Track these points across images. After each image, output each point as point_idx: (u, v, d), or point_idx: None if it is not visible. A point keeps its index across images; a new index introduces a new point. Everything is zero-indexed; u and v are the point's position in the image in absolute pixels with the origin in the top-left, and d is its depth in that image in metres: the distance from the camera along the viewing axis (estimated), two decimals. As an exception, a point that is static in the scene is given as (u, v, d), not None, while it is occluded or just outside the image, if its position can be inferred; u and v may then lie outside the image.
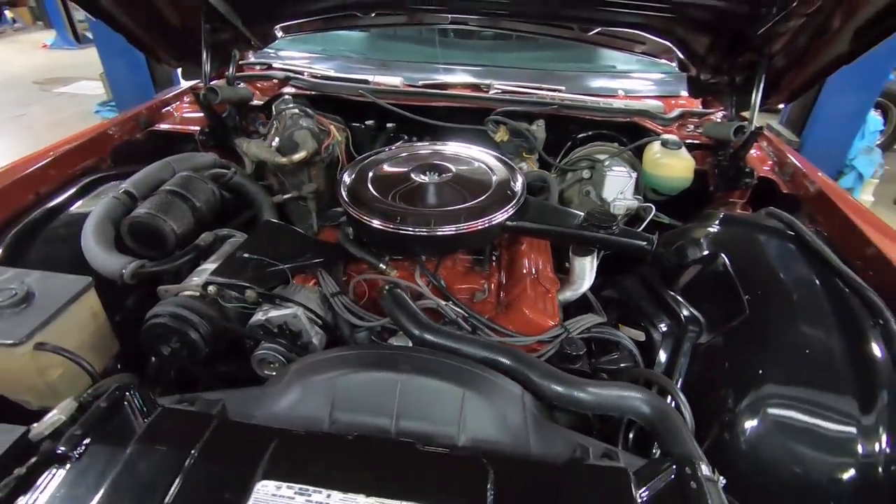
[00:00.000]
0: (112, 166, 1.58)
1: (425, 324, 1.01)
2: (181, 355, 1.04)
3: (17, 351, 0.90)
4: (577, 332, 1.16)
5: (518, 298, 1.22)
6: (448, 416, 0.79)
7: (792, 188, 1.57)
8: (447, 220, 1.16)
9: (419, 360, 0.85)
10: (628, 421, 1.07)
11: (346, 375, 0.83)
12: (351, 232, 1.32)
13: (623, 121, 1.76)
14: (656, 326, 1.28)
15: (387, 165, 1.38)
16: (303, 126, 1.65)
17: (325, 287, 1.16)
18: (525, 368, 0.91)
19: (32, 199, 1.30)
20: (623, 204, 1.55)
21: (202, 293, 1.08)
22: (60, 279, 1.03)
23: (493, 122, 1.75)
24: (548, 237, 1.32)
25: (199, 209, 1.34)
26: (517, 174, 1.34)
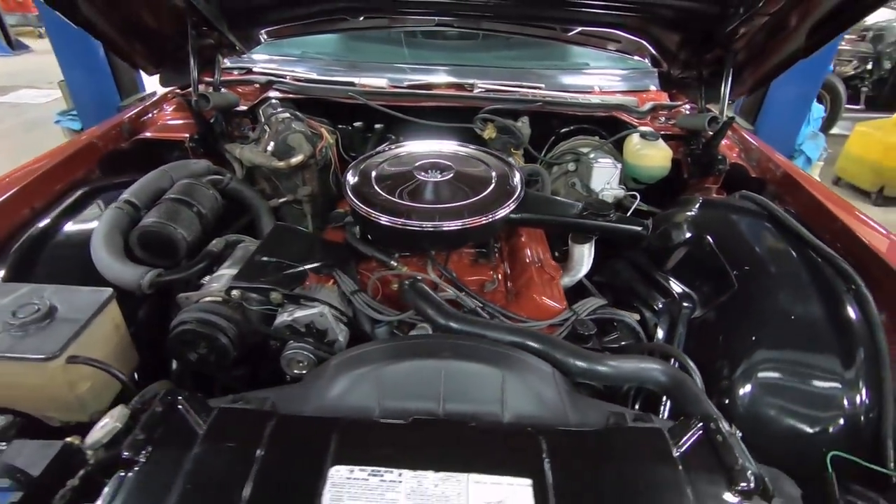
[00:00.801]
0: (101, 177, 1.54)
1: (451, 313, 1.06)
2: (209, 360, 1.05)
3: (50, 365, 0.89)
4: (584, 314, 1.24)
5: (526, 286, 1.29)
6: (490, 396, 0.84)
7: (759, 172, 1.71)
8: (455, 216, 1.22)
9: (458, 346, 0.90)
10: (635, 391, 1.17)
11: (390, 365, 0.87)
12: (358, 231, 1.36)
13: (603, 115, 1.86)
14: (650, 305, 1.39)
15: (388, 165, 1.42)
16: (296, 130, 1.66)
17: (343, 286, 1.19)
18: (550, 348, 0.98)
19: (28, 213, 1.26)
20: (611, 193, 1.65)
21: (225, 298, 1.10)
22: (80, 292, 1.02)
23: (480, 120, 1.82)
24: (549, 227, 1.40)
25: (204, 215, 1.34)
26: (514, 169, 1.41)
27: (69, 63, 3.00)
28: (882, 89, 5.74)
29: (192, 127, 1.75)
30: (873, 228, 1.34)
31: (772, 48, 1.55)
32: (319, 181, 1.77)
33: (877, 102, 5.72)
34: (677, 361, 1.09)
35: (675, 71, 1.80)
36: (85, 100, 3.07)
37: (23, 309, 0.94)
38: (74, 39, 2.84)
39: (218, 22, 1.58)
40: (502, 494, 0.68)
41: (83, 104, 3.10)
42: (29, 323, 0.92)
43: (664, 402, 1.15)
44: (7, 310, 0.94)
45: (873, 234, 1.31)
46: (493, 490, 0.68)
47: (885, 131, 4.20)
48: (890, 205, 4.27)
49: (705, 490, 0.70)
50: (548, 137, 1.93)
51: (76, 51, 2.88)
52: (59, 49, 2.94)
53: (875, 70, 5.65)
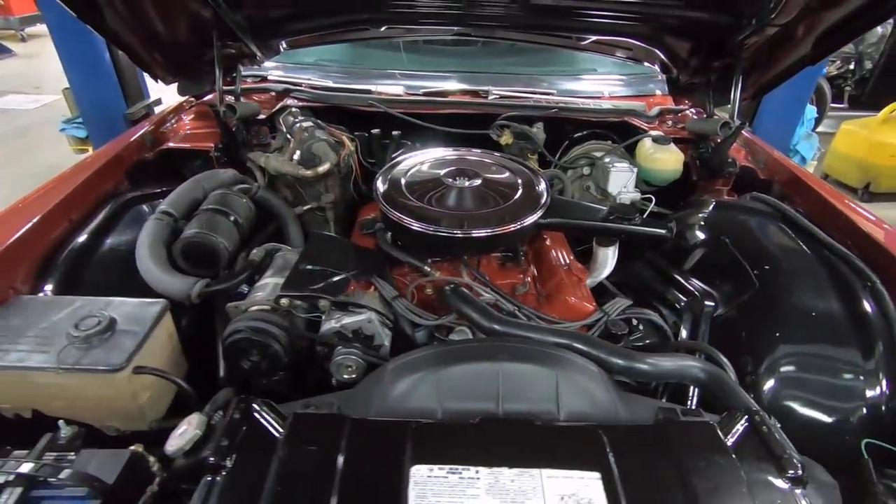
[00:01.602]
0: (129, 187, 1.56)
1: (496, 316, 1.11)
2: (261, 367, 1.08)
3: (117, 377, 0.92)
4: (614, 314, 1.29)
5: (557, 288, 1.34)
6: (546, 395, 0.89)
7: (766, 174, 1.78)
8: (487, 222, 1.26)
9: (514, 349, 0.95)
10: (663, 386, 1.22)
11: (449, 368, 0.91)
12: (389, 237, 1.39)
13: (615, 120, 1.92)
14: (671, 304, 1.45)
15: (416, 172, 1.46)
16: (320, 138, 1.69)
17: (384, 291, 1.23)
18: (593, 348, 1.03)
19: (67, 226, 1.28)
20: (627, 196, 1.70)
21: (273, 306, 1.13)
22: (134, 304, 1.04)
23: (497, 127, 1.86)
24: (577, 231, 1.45)
25: (241, 224, 1.37)
26: (539, 176, 1.46)
27: (74, 70, 2.96)
28: (864, 88, 5.94)
29: (214, 136, 1.77)
30: (878, 224, 1.42)
31: (779, 56, 1.63)
32: (341, 188, 1.80)
33: (859, 101, 5.92)
34: (704, 357, 1.14)
35: (685, 77, 1.87)
36: (90, 107, 3.04)
37: (84, 322, 0.97)
38: (80, 46, 2.82)
39: (243, 33, 1.60)
40: (574, 487, 0.72)
41: (88, 111, 3.07)
42: (92, 336, 0.95)
43: (691, 396, 1.21)
44: (68, 323, 0.97)
45: (878, 229, 1.38)
46: (565, 484, 0.72)
47: (870, 130, 4.35)
48: (876, 200, 4.43)
49: (759, 478, 0.75)
50: (561, 142, 1.98)
51: (82, 58, 2.85)
52: (64, 55, 2.90)
53: (857, 70, 5.84)
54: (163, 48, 1.66)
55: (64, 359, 0.90)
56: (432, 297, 1.32)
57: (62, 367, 0.89)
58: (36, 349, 0.93)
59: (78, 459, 0.85)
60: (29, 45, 8.91)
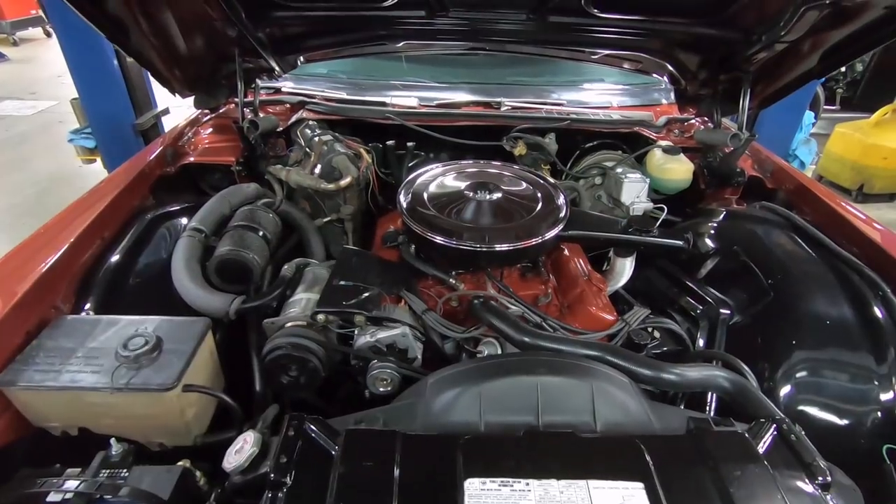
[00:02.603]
0: (154, 203, 1.58)
1: (526, 329, 1.15)
2: (300, 382, 1.12)
3: (168, 395, 0.94)
4: (635, 323, 1.33)
5: (579, 299, 1.38)
6: (583, 407, 0.93)
7: (774, 183, 1.84)
8: (510, 236, 1.30)
9: (550, 362, 0.99)
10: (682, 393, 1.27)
11: (489, 382, 0.95)
12: (412, 250, 1.43)
13: (626, 131, 1.97)
14: (687, 312, 1.49)
15: (438, 185, 1.49)
16: (340, 152, 1.72)
17: (414, 305, 1.26)
18: (623, 360, 1.07)
19: (100, 244, 1.30)
20: (640, 206, 1.75)
21: (309, 322, 1.16)
22: (178, 322, 1.07)
23: (512, 138, 1.90)
24: (596, 244, 1.49)
25: (270, 240, 1.40)
26: (557, 189, 1.50)
27: (84, 80, 2.96)
28: (855, 90, 6.05)
29: (233, 150, 1.79)
30: (869, 223, 1.47)
31: (786, 69, 1.68)
32: (359, 199, 1.84)
33: (851, 103, 6.04)
34: (721, 364, 1.19)
35: (693, 88, 1.92)
36: (99, 117, 3.04)
37: (132, 342, 0.99)
38: (89, 56, 2.81)
39: (264, 49, 1.63)
40: (620, 497, 0.76)
41: (97, 122, 3.06)
42: (141, 355, 0.98)
43: (709, 403, 1.25)
44: (116, 342, 0.99)
45: (874, 232, 1.44)
46: (612, 494, 0.76)
47: (863, 132, 4.44)
48: (869, 201, 4.53)
49: (791, 485, 0.80)
50: (572, 152, 2.02)
51: (91, 68, 2.85)
52: (73, 65, 2.89)
53: (848, 72, 5.95)
54: (183, 64, 1.69)
55: (117, 379, 0.93)
56: (458, 308, 1.36)
57: (116, 387, 0.92)
58: (86, 369, 0.96)
59: (131, 476, 0.88)
60: (21, 50, 8.84)
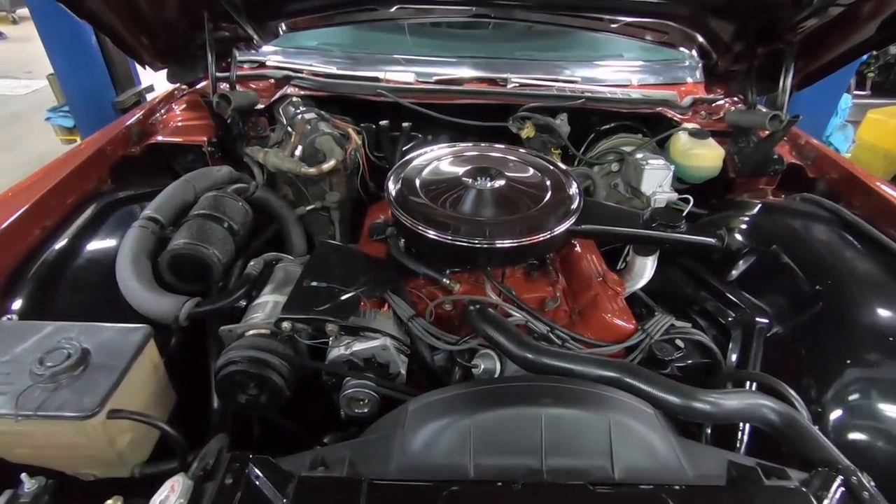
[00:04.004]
0: (113, 187, 1.41)
1: (529, 344, 0.96)
2: (260, 402, 0.94)
3: (89, 424, 0.77)
4: (657, 334, 1.14)
5: (592, 304, 1.19)
6: (597, 447, 0.75)
7: (815, 171, 1.62)
8: (512, 230, 1.11)
9: (557, 390, 0.80)
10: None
11: (480, 413, 0.77)
12: (402, 244, 1.25)
13: (648, 111, 1.75)
14: (715, 319, 1.30)
15: (432, 171, 1.30)
16: (324, 132, 1.53)
17: (399, 311, 1.08)
18: (644, 383, 0.89)
19: (40, 234, 1.13)
20: (663, 197, 1.55)
21: (273, 330, 0.98)
22: (112, 331, 0.90)
23: (519, 119, 1.70)
24: (614, 239, 1.30)
25: (236, 231, 1.22)
26: (569, 176, 1.30)
27: (59, 54, 2.76)
28: (889, 74, 5.70)
29: (207, 129, 1.61)
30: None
31: (836, 40, 1.45)
32: (347, 185, 1.65)
33: (883, 87, 5.69)
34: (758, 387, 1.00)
35: (725, 63, 1.70)
36: (77, 94, 2.85)
37: (51, 355, 0.82)
38: (64, 28, 2.61)
39: (237, 13, 1.43)
40: (647, 580, 0.58)
41: (75, 99, 2.88)
42: (60, 372, 0.81)
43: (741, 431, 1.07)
44: (33, 356, 0.82)
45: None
46: (635, 575, 0.59)
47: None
48: (902, 193, 4.24)
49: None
50: (586, 135, 1.82)
51: (66, 41, 2.64)
52: (47, 39, 2.70)
53: (881, 55, 5.60)
54: (150, 31, 1.50)
55: (24, 404, 0.76)
56: (452, 313, 1.18)
57: (21, 415, 0.75)
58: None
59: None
60: (20, 28, 8.65)
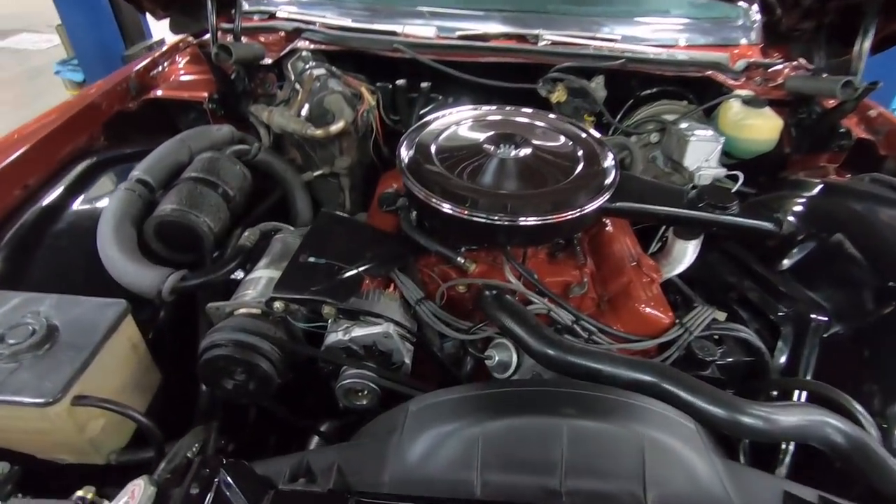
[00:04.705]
0: (106, 144, 1.31)
1: (552, 339, 0.84)
2: (248, 389, 0.85)
3: (51, 411, 0.69)
4: (698, 329, 1.01)
5: (624, 292, 1.06)
6: (628, 469, 0.64)
7: (887, 148, 1.43)
8: (538, 205, 0.97)
9: (582, 398, 0.69)
10: None
11: (492, 422, 0.66)
12: (414, 217, 1.12)
13: (696, 75, 1.56)
14: (762, 313, 1.15)
15: (450, 136, 1.16)
16: (334, 90, 1.40)
17: (407, 292, 0.97)
18: (685, 392, 0.76)
19: (21, 194, 1.04)
20: (709, 173, 1.38)
21: (265, 310, 0.88)
22: (87, 305, 0.81)
23: (549, 81, 1.53)
24: (653, 220, 1.15)
25: (232, 198, 1.11)
26: (605, 147, 1.14)
27: (67, 4, 2.66)
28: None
29: (210, 84, 1.49)
30: None
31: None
32: (358, 150, 1.52)
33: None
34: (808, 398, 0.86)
35: (790, 21, 1.49)
36: (86, 47, 2.74)
37: (15, 331, 0.74)
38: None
39: (240, -47, 1.29)
40: None
41: (84, 52, 2.78)
42: (23, 351, 0.72)
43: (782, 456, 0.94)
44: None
45: None
46: None
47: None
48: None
49: None
50: (623, 101, 1.64)
51: (73, -11, 2.55)
52: (54, -13, 2.61)
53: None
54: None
55: (-22, 386, 0.67)
56: (465, 295, 1.06)
57: (-27, 398, 0.67)
58: (-50, 366, 0.71)
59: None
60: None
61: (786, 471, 0.96)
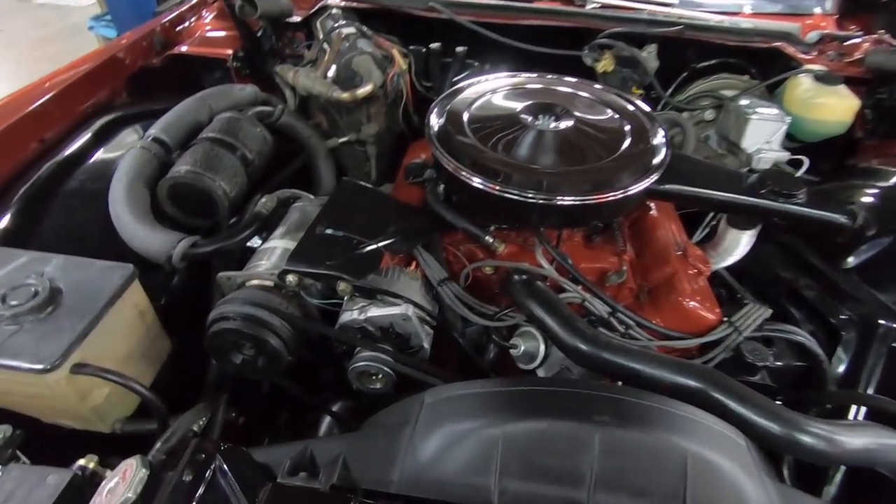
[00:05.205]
0: (128, 100, 1.27)
1: (585, 332, 0.76)
2: (257, 365, 0.81)
3: (50, 378, 0.66)
4: (748, 329, 0.91)
5: (668, 285, 0.96)
6: (667, 486, 0.56)
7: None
8: (578, 183, 0.88)
9: (619, 403, 0.61)
10: None
11: (514, 423, 0.59)
12: (441, 191, 1.04)
13: (762, 46, 1.41)
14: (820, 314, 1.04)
15: (485, 104, 1.07)
16: (364, 51, 1.31)
17: (429, 271, 0.90)
18: (736, 402, 0.68)
19: (37, 147, 1.01)
20: (769, 156, 1.24)
21: (277, 283, 0.83)
22: (92, 268, 0.77)
23: (596, 47, 1.40)
24: (706, 206, 1.04)
25: (250, 161, 1.05)
26: (655, 122, 1.03)
27: (100, -43, 2.63)
28: None
29: (236, 41, 1.43)
30: None
31: None
32: (387, 117, 1.44)
33: None
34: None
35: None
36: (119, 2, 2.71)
37: (17, 292, 0.70)
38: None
39: None
40: None
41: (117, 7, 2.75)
42: (24, 313, 0.69)
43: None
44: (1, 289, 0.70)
45: None
46: None
47: None
48: None
49: None
50: (677, 73, 1.49)
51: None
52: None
53: None
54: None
55: (-27, 348, 0.64)
56: (492, 277, 0.99)
57: (-30, 360, 0.64)
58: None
59: (1, 478, 0.61)
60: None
61: (835, 490, 0.87)
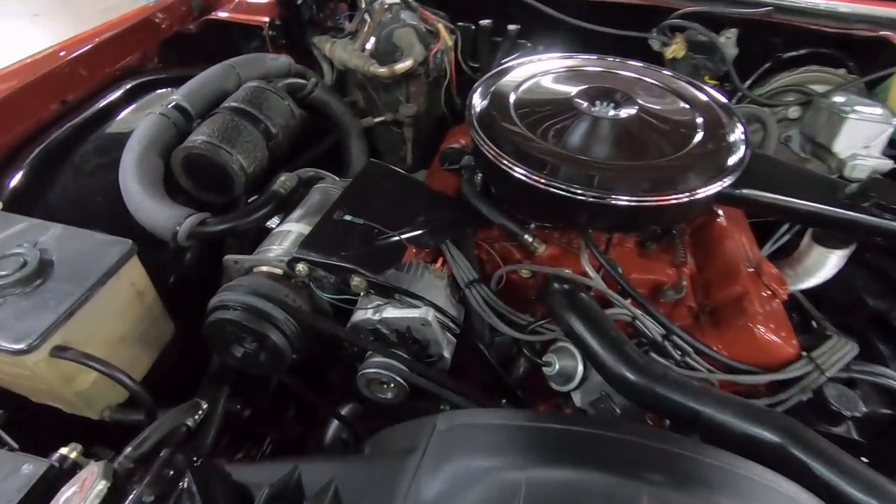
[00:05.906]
0: (159, 65, 1.22)
1: (636, 360, 0.64)
2: (258, 361, 0.73)
3: (28, 360, 0.59)
4: (833, 368, 0.76)
5: (736, 306, 0.82)
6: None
7: None
8: (642, 182, 0.74)
9: (675, 458, 0.49)
10: None
11: (542, 469, 0.49)
12: (479, 181, 0.93)
13: (866, 35, 1.21)
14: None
15: (535, 86, 0.94)
16: (406, 23, 1.21)
17: (457, 270, 0.80)
18: (822, 464, 0.54)
19: (57, 108, 0.97)
20: (867, 164, 1.06)
21: (286, 272, 0.74)
22: (88, 240, 0.71)
23: (666, 30, 1.24)
24: (791, 217, 0.89)
25: (273, 136, 0.97)
26: (733, 116, 0.88)
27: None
28: None
29: (274, 9, 1.35)
30: None
31: None
32: (427, 97, 1.34)
33: None
34: None
35: None
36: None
37: (4, 262, 0.64)
38: None
39: None
40: None
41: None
42: (9, 285, 0.63)
43: None
44: (-11, 258, 0.65)
45: None
46: None
47: None
48: None
49: None
50: (758, 63, 1.31)
51: None
52: None
53: None
54: None
55: (-50, 320, 0.59)
56: (529, 282, 0.87)
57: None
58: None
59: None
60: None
61: None
